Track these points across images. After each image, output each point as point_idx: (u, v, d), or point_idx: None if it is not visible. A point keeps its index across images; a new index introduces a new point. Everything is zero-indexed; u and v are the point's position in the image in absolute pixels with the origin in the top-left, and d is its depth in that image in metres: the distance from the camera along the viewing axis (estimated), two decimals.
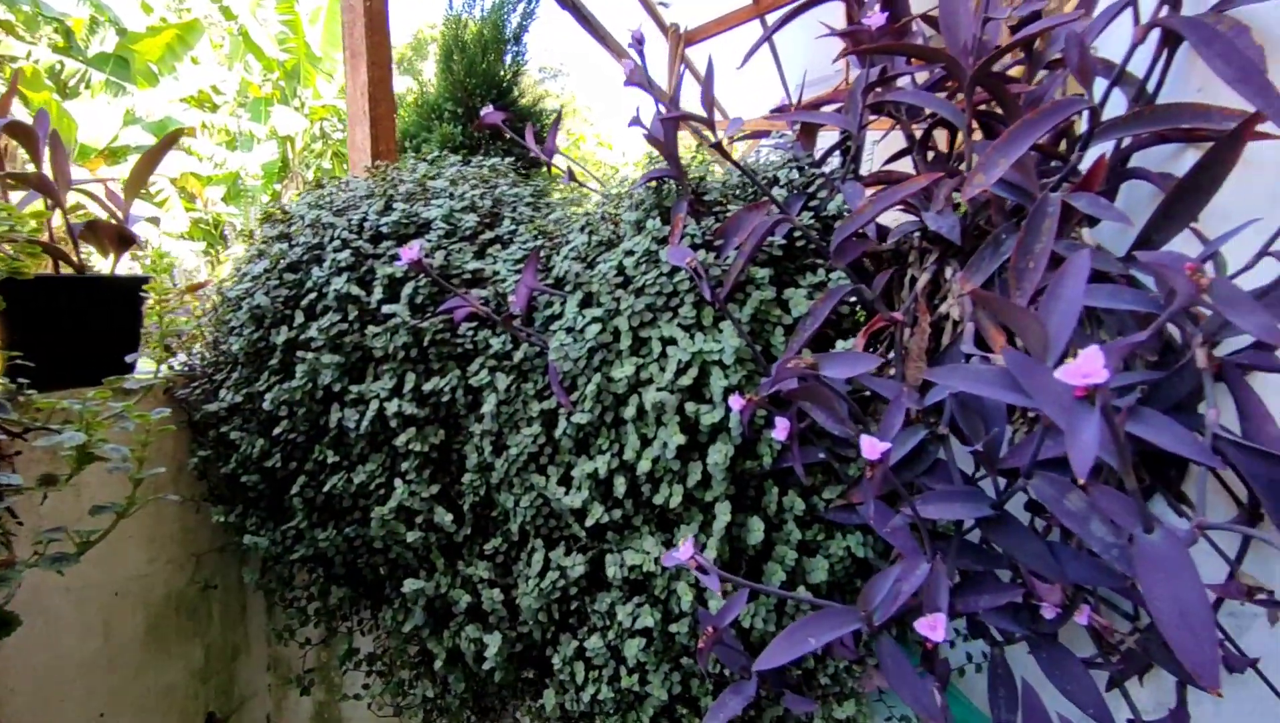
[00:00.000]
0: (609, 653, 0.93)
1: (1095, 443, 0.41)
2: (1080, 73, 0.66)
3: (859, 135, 0.90)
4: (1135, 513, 0.55)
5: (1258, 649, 0.84)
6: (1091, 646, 0.85)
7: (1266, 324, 0.48)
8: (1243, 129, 0.67)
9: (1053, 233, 0.74)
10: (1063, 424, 0.45)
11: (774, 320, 0.85)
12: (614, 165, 1.11)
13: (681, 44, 3.61)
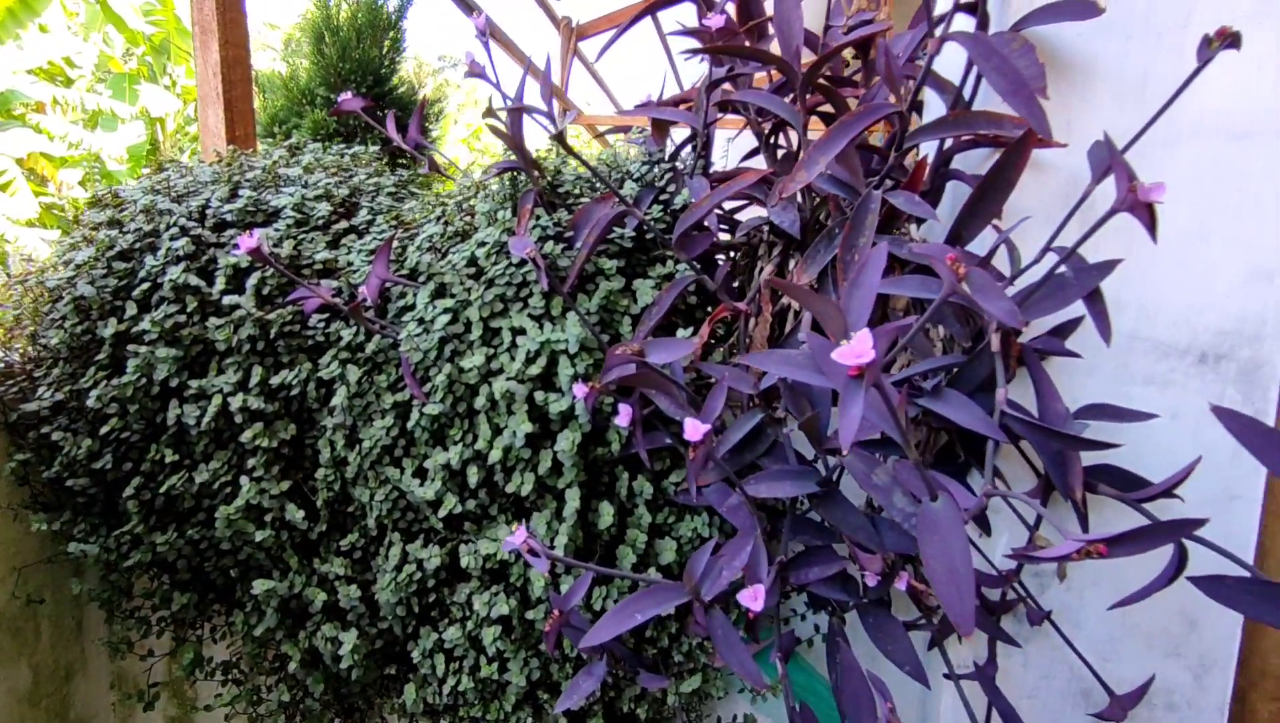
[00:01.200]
0: (468, 643, 0.93)
1: (859, 417, 0.45)
2: (887, 80, 0.71)
3: (704, 132, 0.93)
4: (923, 484, 0.60)
5: (1055, 604, 0.94)
6: (916, 610, 0.93)
7: (1009, 309, 0.54)
8: (1028, 136, 0.74)
9: (874, 227, 0.80)
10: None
11: (622, 310, 0.88)
12: (498, 155, 1.10)
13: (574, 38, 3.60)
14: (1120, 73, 0.88)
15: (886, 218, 0.95)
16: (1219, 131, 0.87)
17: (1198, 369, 0.89)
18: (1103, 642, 0.94)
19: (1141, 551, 0.54)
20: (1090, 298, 0.74)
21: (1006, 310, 0.53)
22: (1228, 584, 0.64)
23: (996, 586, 0.87)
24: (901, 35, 0.92)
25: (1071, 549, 0.51)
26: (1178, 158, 0.87)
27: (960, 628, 0.50)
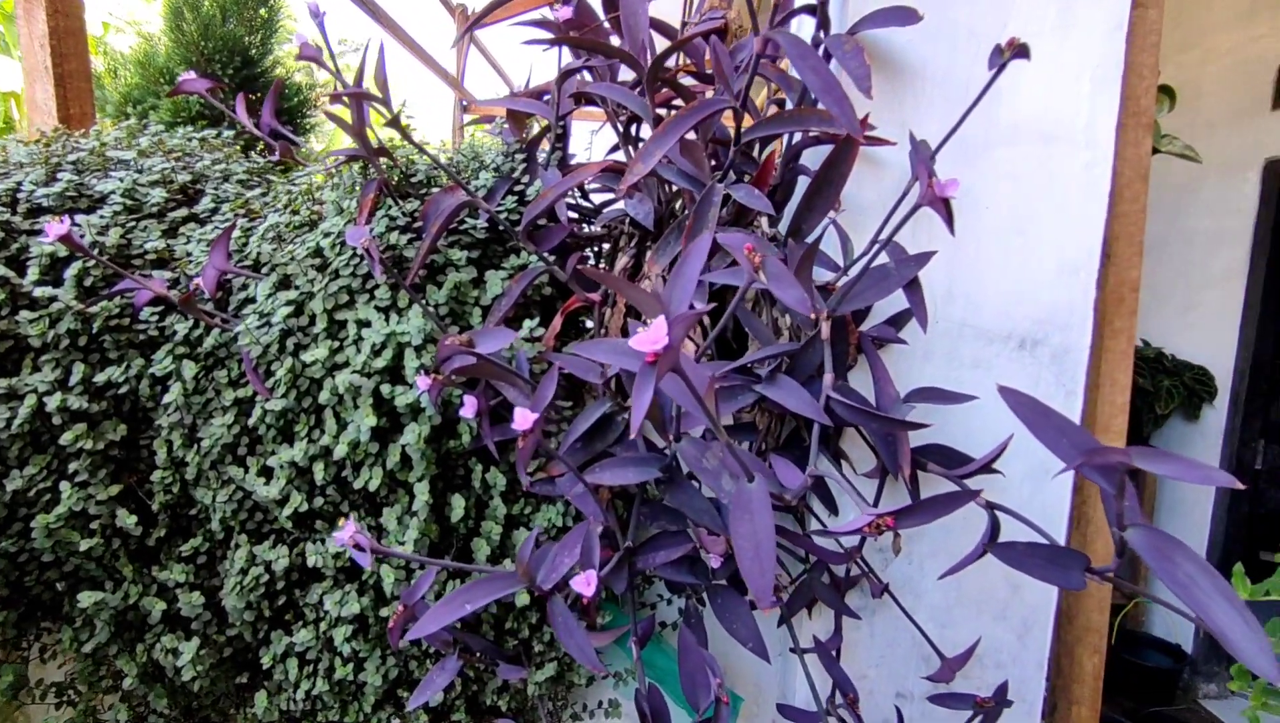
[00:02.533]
0: (322, 645, 0.90)
1: (648, 402, 0.46)
2: (718, 75, 0.73)
3: (558, 124, 0.93)
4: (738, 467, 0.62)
5: (898, 577, 1.00)
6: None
7: (800, 297, 0.57)
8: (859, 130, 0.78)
9: (715, 220, 0.82)
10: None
11: (472, 302, 0.87)
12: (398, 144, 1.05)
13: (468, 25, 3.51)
14: (948, 77, 0.94)
15: (741, 211, 0.98)
16: (1033, 136, 0.94)
17: (1018, 354, 0.96)
18: (940, 609, 1.01)
19: (924, 522, 0.58)
20: (909, 287, 0.79)
21: (798, 299, 0.56)
22: (1018, 550, 0.69)
23: (840, 561, 0.92)
24: (753, 35, 0.95)
25: (862, 523, 0.54)
26: (997, 159, 0.94)
27: (759, 602, 0.53)
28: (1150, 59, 1.17)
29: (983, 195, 0.94)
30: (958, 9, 0.93)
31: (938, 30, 0.93)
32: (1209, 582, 0.55)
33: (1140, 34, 1.16)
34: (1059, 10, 0.92)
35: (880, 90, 0.93)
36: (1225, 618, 0.53)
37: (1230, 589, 0.54)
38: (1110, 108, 0.94)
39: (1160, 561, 0.57)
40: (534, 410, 0.64)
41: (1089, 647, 1.25)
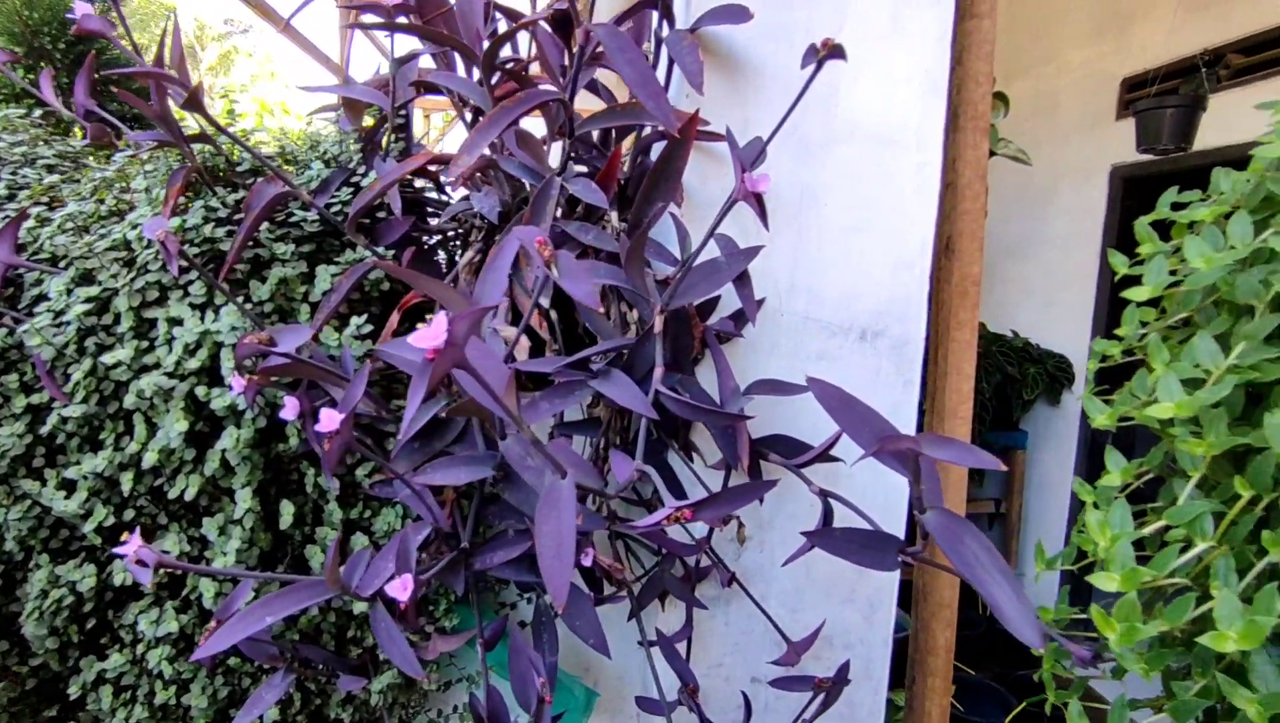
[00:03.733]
0: (139, 670, 0.84)
1: (420, 398, 0.45)
2: (543, 66, 0.72)
3: (395, 113, 0.90)
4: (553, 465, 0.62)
5: (751, 565, 1.03)
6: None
7: (588, 292, 0.56)
8: (687, 128, 0.79)
9: (551, 213, 0.81)
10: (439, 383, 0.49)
11: (300, 298, 0.82)
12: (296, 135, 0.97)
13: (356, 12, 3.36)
14: (789, 76, 0.96)
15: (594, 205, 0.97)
16: (870, 136, 0.98)
17: (859, 345, 1.00)
18: (791, 595, 1.04)
19: (723, 512, 0.59)
20: (739, 281, 0.80)
21: (586, 293, 0.55)
22: (835, 536, 0.72)
23: (691, 553, 0.93)
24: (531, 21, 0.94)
25: (663, 516, 0.55)
26: (836, 157, 0.98)
27: (555, 600, 0.52)
28: (986, 67, 1.24)
29: (824, 192, 0.97)
30: (797, 10, 0.95)
31: (779, 30, 0.95)
32: (990, 560, 0.58)
33: (976, 44, 1.23)
34: (891, 17, 0.96)
35: (723, 87, 0.95)
36: (1000, 593, 0.56)
37: (1006, 567, 0.58)
38: (938, 111, 0.98)
39: (950, 541, 0.60)
40: (341, 411, 0.61)
41: (942, 622, 1.31)
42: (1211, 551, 0.55)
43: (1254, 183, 0.57)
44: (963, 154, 1.25)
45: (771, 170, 0.97)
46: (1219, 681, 0.53)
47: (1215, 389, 0.53)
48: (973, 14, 1.22)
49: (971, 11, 1.22)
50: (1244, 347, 0.54)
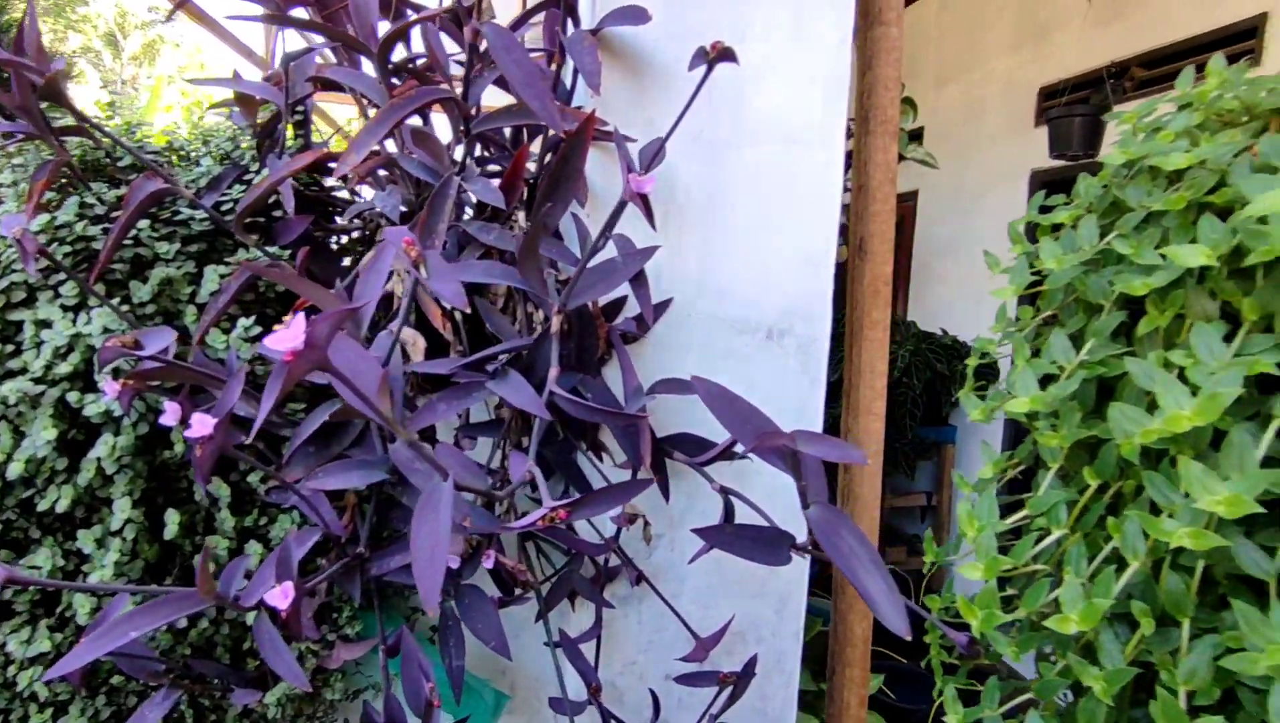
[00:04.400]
0: (10, 694, 0.80)
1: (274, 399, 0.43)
2: (433, 63, 0.71)
3: (291, 109, 0.87)
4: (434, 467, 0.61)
5: (664, 563, 1.03)
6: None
7: (456, 292, 0.56)
8: (584, 128, 0.79)
9: (448, 212, 0.80)
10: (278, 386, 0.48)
11: (186, 299, 0.80)
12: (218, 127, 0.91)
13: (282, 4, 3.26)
14: (694, 77, 0.97)
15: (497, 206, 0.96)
16: (776, 137, 1.00)
17: (767, 344, 1.02)
18: (703, 591, 1.05)
19: (599, 512, 0.59)
20: (635, 281, 0.80)
21: (454, 292, 0.55)
22: (726, 533, 0.73)
23: (599, 552, 0.93)
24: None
25: (539, 516, 0.55)
26: (744, 158, 0.99)
27: (426, 604, 0.52)
28: (894, 72, 1.27)
29: (732, 192, 0.99)
30: (701, 12, 0.96)
31: (683, 32, 0.96)
32: (864, 553, 0.60)
33: (884, 50, 1.26)
34: (793, 21, 0.98)
35: (629, 88, 0.95)
36: (872, 584, 0.58)
37: (879, 560, 0.59)
38: (840, 113, 1.01)
39: (827, 535, 0.61)
40: (215, 415, 0.59)
41: (858, 613, 1.34)
42: (1066, 537, 0.58)
43: (1103, 188, 0.60)
44: (873, 157, 1.29)
45: (680, 171, 0.98)
46: (1071, 661, 0.56)
47: (1065, 384, 0.55)
48: (880, 21, 1.25)
49: (879, 19, 1.25)
50: (1093, 343, 0.56)
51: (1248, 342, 0.48)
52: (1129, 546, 0.51)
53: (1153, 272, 0.52)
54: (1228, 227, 0.48)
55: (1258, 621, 0.45)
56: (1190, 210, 0.53)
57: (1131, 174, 0.59)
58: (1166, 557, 0.53)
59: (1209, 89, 0.56)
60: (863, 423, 1.35)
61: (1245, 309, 0.48)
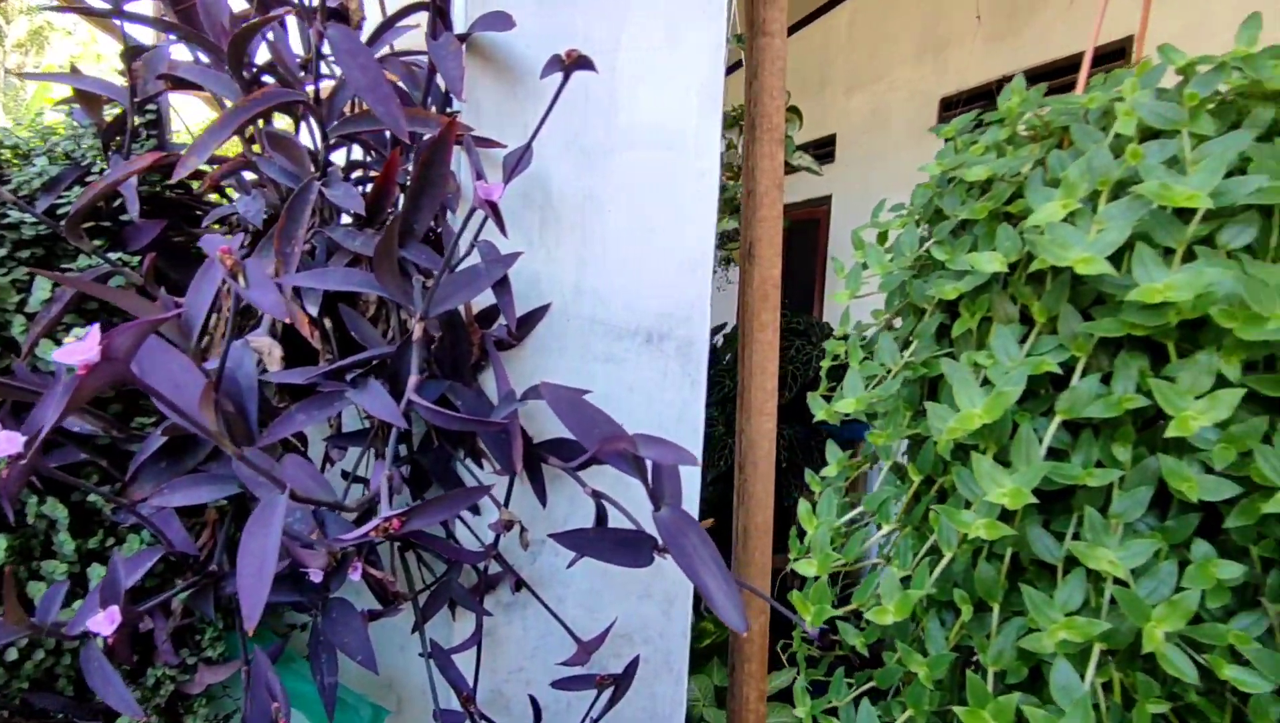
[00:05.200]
0: None
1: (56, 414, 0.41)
2: (279, 64, 0.69)
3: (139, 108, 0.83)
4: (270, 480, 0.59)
5: (549, 568, 1.03)
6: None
7: (275, 302, 0.55)
8: (446, 134, 0.78)
9: (307, 218, 0.78)
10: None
11: (14, 307, 0.75)
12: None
13: None
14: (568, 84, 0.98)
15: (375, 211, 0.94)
16: (651, 144, 1.01)
17: (646, 347, 1.03)
18: (590, 595, 1.05)
19: (435, 520, 0.59)
20: (499, 287, 0.80)
21: (273, 304, 0.54)
22: (587, 536, 0.73)
23: (477, 560, 0.92)
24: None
25: (370, 527, 0.54)
26: (619, 164, 1.00)
27: (246, 621, 0.50)
28: (779, 81, 1.31)
29: (607, 198, 0.99)
30: (576, 19, 0.97)
31: (558, 37, 0.96)
32: (708, 553, 0.61)
33: (769, 60, 1.29)
34: (666, 29, 1.00)
35: (503, 93, 0.95)
36: (712, 582, 0.59)
37: (720, 560, 0.61)
38: (715, 120, 1.03)
39: (672, 537, 0.63)
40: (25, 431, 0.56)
41: (755, 610, 1.37)
42: (895, 532, 0.60)
43: (928, 197, 0.63)
44: (760, 164, 1.32)
45: (555, 177, 0.98)
46: (900, 649, 0.58)
47: (888, 385, 0.58)
48: (764, 32, 1.28)
49: (763, 30, 1.28)
50: (916, 345, 0.59)
51: (1038, 342, 0.51)
52: (944, 537, 0.54)
53: (962, 277, 0.55)
54: (1016, 234, 0.51)
55: (1043, 602, 0.48)
56: (994, 219, 0.56)
57: (950, 184, 0.62)
58: (984, 547, 0.56)
59: (1014, 106, 0.60)
60: (755, 423, 1.38)
61: (1035, 312, 0.51)
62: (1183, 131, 0.48)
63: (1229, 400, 0.41)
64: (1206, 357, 0.44)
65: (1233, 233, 0.45)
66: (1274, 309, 0.40)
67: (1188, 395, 0.43)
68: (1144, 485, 0.47)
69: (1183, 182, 0.43)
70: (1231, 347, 0.43)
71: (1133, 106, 0.49)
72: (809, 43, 4.29)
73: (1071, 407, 0.47)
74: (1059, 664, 0.47)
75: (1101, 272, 0.43)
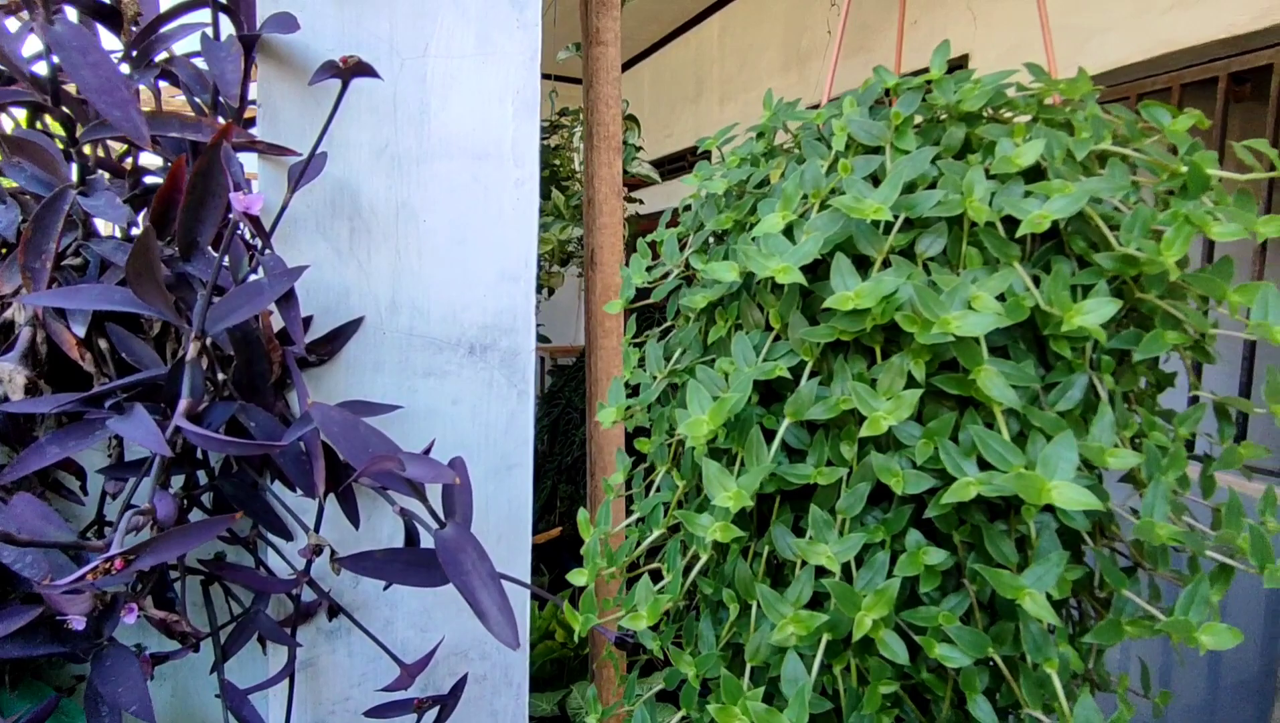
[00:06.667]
0: None
1: None
2: (6, 64, 0.63)
3: None
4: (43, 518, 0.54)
5: (374, 591, 1.00)
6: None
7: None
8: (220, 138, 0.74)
9: (59, 229, 0.72)
10: None
11: None
12: None
13: None
14: (375, 91, 0.95)
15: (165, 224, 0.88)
16: (466, 153, 0.99)
17: (470, 359, 1.01)
18: (419, 614, 1.02)
19: (175, 553, 0.55)
20: (283, 302, 0.77)
21: None
22: (375, 559, 0.71)
23: (285, 589, 0.87)
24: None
25: (86, 571, 0.50)
26: (433, 173, 0.98)
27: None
28: (614, 90, 1.32)
29: (422, 208, 0.97)
30: (381, 24, 0.94)
31: (361, 43, 0.93)
32: (484, 569, 0.60)
33: (603, 69, 1.30)
34: (478, 36, 0.98)
35: (303, 100, 0.91)
36: (485, 598, 0.59)
37: (496, 575, 0.60)
38: (532, 129, 1.03)
39: (450, 554, 0.61)
40: None
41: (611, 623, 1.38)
42: (664, 536, 0.61)
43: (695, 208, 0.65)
44: (598, 172, 1.33)
45: (364, 187, 0.95)
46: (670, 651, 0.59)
47: (647, 393, 0.59)
48: (598, 41, 1.29)
49: (597, 39, 1.29)
50: (678, 352, 0.61)
51: (773, 348, 0.53)
52: (697, 540, 0.55)
53: (711, 286, 0.57)
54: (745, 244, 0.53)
55: (775, 598, 0.50)
56: (740, 229, 0.58)
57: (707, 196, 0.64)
58: (749, 546, 0.58)
59: (766, 120, 0.63)
60: (605, 429, 1.39)
61: (771, 319, 0.53)
62: (885, 148, 0.51)
63: (911, 400, 0.44)
64: (899, 359, 0.47)
65: (927, 243, 0.49)
66: (940, 314, 0.43)
67: (880, 396, 0.46)
68: (865, 481, 0.49)
69: (872, 195, 0.46)
70: (918, 350, 0.46)
71: (846, 123, 0.52)
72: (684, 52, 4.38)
73: (797, 409, 0.50)
74: (789, 657, 0.49)
75: (795, 280, 0.46)
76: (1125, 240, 0.46)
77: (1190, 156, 0.48)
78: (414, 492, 0.61)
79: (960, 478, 0.44)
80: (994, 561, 0.47)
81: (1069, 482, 0.41)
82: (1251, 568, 0.46)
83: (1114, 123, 0.53)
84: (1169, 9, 2.18)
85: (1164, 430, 0.53)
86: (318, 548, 0.88)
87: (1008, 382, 0.44)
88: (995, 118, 0.57)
